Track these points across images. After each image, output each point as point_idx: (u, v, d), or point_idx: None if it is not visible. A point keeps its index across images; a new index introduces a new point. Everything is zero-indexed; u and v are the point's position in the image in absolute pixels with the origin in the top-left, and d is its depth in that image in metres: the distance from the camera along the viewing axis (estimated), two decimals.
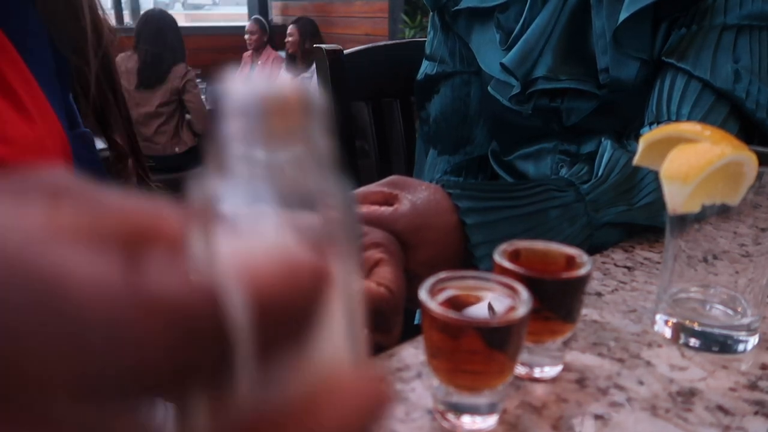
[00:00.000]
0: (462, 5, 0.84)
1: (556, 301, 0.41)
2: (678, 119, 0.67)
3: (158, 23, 3.30)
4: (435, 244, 0.54)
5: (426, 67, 0.92)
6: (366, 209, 0.54)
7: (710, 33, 0.67)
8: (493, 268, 0.41)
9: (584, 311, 0.51)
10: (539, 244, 0.44)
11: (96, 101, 0.56)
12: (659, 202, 0.64)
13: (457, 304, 0.37)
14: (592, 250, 0.62)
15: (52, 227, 0.15)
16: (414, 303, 0.39)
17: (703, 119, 0.66)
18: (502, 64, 0.77)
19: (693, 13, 0.68)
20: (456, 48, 0.89)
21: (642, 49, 0.71)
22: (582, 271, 0.40)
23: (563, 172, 0.76)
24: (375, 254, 0.43)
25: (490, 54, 0.83)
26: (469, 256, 0.56)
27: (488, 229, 0.56)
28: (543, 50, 0.75)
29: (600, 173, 0.63)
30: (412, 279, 0.54)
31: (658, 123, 0.68)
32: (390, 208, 0.54)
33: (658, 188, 0.63)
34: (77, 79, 0.56)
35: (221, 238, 0.16)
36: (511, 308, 0.36)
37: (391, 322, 0.42)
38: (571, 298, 0.41)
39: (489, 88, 0.82)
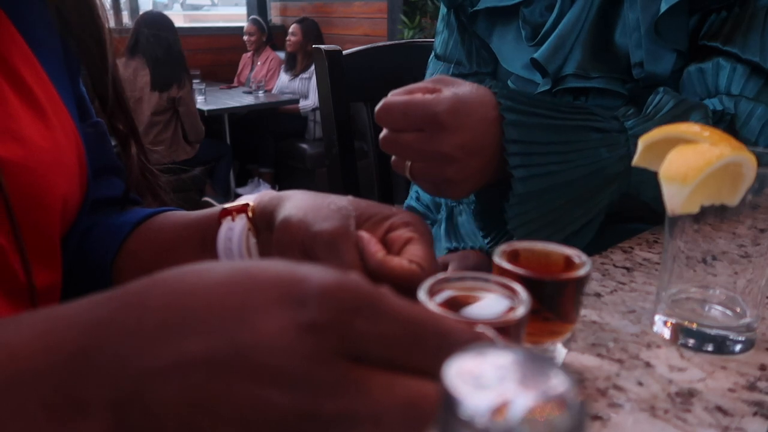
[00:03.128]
0: (481, 5, 0.83)
1: (555, 302, 0.41)
2: (723, 101, 0.67)
3: (158, 28, 3.29)
4: (473, 130, 0.55)
5: (438, 68, 0.91)
6: (408, 96, 0.55)
7: (757, 15, 0.67)
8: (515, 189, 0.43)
9: (583, 312, 0.51)
10: (538, 245, 0.44)
11: (97, 89, 0.57)
12: None
13: (455, 304, 0.37)
14: (591, 249, 0.62)
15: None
16: None
17: (755, 101, 0.66)
18: (533, 60, 0.76)
19: None
20: (473, 49, 0.89)
21: (678, 41, 0.70)
22: (581, 272, 0.40)
23: None
24: (405, 233, 0.43)
25: (513, 52, 0.83)
26: (501, 153, 0.56)
27: (525, 130, 0.56)
28: (574, 45, 0.74)
29: (647, 111, 0.63)
30: (448, 160, 0.55)
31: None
32: (432, 95, 0.55)
33: None
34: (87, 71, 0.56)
35: None
36: (510, 309, 0.36)
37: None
38: (569, 298, 0.41)
39: (509, 84, 0.82)
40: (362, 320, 0.24)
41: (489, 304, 0.37)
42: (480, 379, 0.19)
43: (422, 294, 0.36)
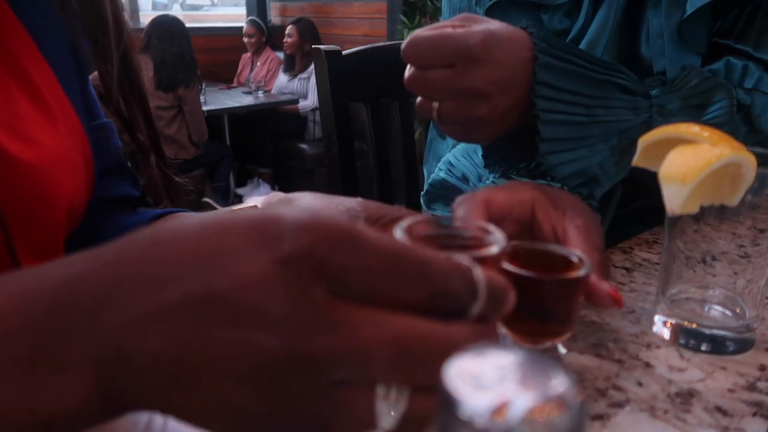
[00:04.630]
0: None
1: (555, 302, 0.41)
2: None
3: (171, 30, 3.30)
4: (506, 66, 0.53)
5: None
6: (437, 30, 0.53)
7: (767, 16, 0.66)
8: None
9: (583, 312, 0.51)
10: (539, 246, 0.44)
11: (117, 97, 0.56)
12: (727, 127, 0.62)
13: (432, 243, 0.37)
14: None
15: None
16: None
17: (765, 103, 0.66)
18: None
19: None
20: None
21: (701, 44, 0.69)
22: (581, 272, 0.40)
23: None
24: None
25: None
26: (529, 95, 0.55)
27: (556, 74, 0.55)
28: (602, 54, 0.72)
29: (674, 83, 0.62)
30: (480, 97, 0.53)
31: None
32: (463, 29, 0.53)
33: (731, 112, 0.63)
34: (101, 77, 0.55)
35: None
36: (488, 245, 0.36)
37: None
38: (569, 299, 0.41)
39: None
40: (341, 253, 0.23)
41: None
42: (480, 379, 0.19)
43: (399, 232, 0.35)
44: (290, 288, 0.23)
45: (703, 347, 0.46)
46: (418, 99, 0.56)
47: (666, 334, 0.47)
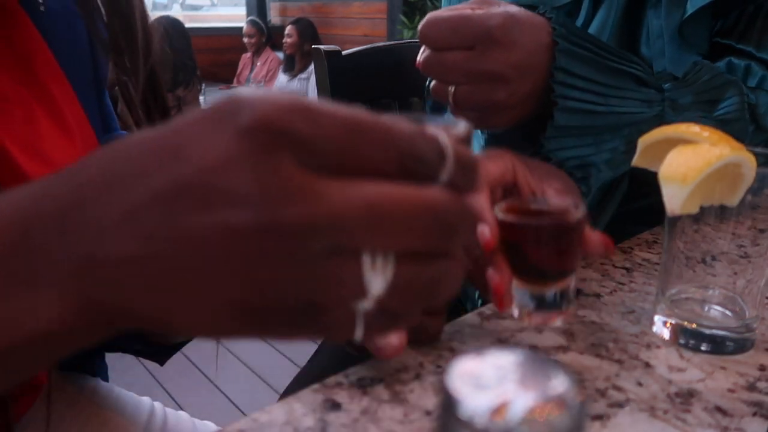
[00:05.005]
0: None
1: (558, 245, 0.44)
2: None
3: (171, 31, 3.30)
4: (526, 49, 0.52)
5: None
6: (455, 11, 0.52)
7: None
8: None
9: (583, 312, 0.51)
10: (533, 200, 0.49)
11: (141, 109, 0.55)
12: (738, 123, 0.62)
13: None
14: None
15: None
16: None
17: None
18: None
19: None
20: None
21: (702, 44, 0.69)
22: (579, 215, 0.44)
23: None
24: None
25: None
26: (546, 81, 0.54)
27: (574, 60, 0.54)
28: None
29: (685, 77, 0.62)
30: (499, 81, 0.52)
31: None
32: (482, 10, 0.52)
33: (741, 109, 0.63)
34: (121, 88, 0.55)
35: None
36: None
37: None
38: (572, 242, 0.44)
39: None
40: (301, 121, 0.22)
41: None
42: (479, 379, 0.19)
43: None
44: (253, 159, 0.22)
45: (703, 347, 0.46)
46: (433, 82, 0.55)
47: (666, 334, 0.47)
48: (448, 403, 0.18)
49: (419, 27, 0.53)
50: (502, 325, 0.48)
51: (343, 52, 1.02)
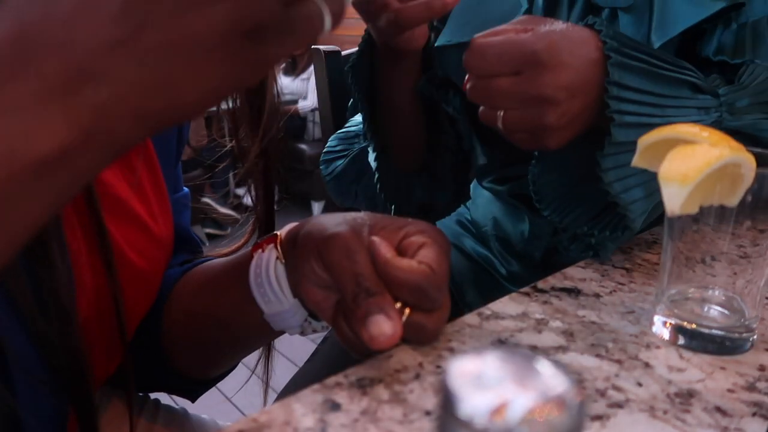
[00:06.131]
0: (442, 40, 0.75)
1: None
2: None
3: None
4: (576, 69, 0.51)
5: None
6: (500, 36, 0.52)
7: (759, 25, 0.65)
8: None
9: (582, 312, 0.51)
10: None
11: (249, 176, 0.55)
12: None
13: None
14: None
15: None
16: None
17: None
18: None
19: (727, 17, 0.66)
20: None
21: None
22: None
23: None
24: (419, 239, 0.44)
25: None
26: (600, 97, 0.53)
27: (630, 73, 0.52)
28: None
29: (741, 81, 0.60)
30: (548, 103, 0.51)
31: None
32: (527, 33, 0.51)
33: None
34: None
35: None
36: None
37: (432, 300, 0.42)
38: None
39: None
40: None
41: None
42: (479, 379, 0.19)
43: None
44: None
45: (703, 347, 0.46)
46: (481, 108, 0.54)
47: (665, 334, 0.47)
48: (448, 403, 0.18)
49: (465, 55, 0.52)
50: (501, 325, 0.48)
51: (343, 52, 1.02)
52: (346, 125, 0.92)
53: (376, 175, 0.82)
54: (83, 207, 0.44)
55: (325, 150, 0.91)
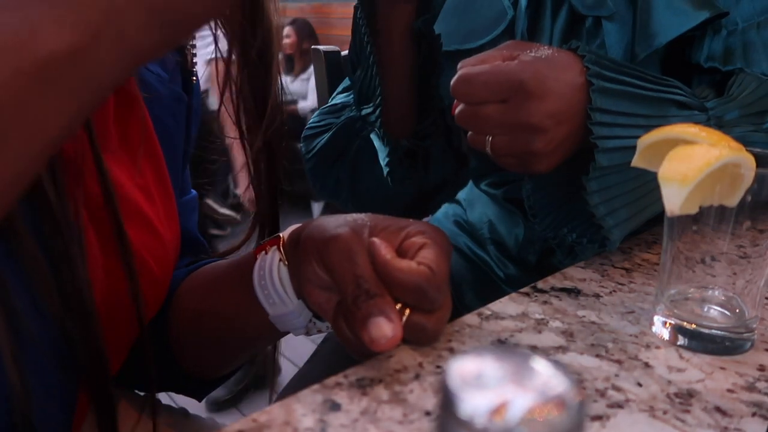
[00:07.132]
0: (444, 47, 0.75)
1: None
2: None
3: None
4: (561, 97, 0.52)
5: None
6: (487, 64, 0.52)
7: (747, 31, 0.65)
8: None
9: (582, 312, 0.51)
10: None
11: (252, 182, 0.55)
12: None
13: None
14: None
15: None
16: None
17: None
18: None
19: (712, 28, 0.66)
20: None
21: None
22: None
23: None
24: (419, 240, 0.44)
25: None
26: (585, 122, 0.53)
27: (612, 98, 0.53)
28: None
29: (730, 93, 0.60)
30: (536, 131, 0.51)
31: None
32: (513, 61, 0.52)
33: None
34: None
35: None
36: None
37: (432, 301, 0.42)
38: None
39: None
40: None
41: None
42: (479, 379, 0.19)
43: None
44: None
45: (703, 347, 0.46)
46: (470, 132, 0.55)
47: (665, 334, 0.47)
48: (448, 403, 0.18)
49: (452, 83, 0.53)
50: (501, 325, 0.48)
51: (343, 52, 1.02)
52: (331, 100, 0.89)
53: (385, 150, 0.79)
54: (96, 205, 0.43)
55: (307, 126, 0.88)
